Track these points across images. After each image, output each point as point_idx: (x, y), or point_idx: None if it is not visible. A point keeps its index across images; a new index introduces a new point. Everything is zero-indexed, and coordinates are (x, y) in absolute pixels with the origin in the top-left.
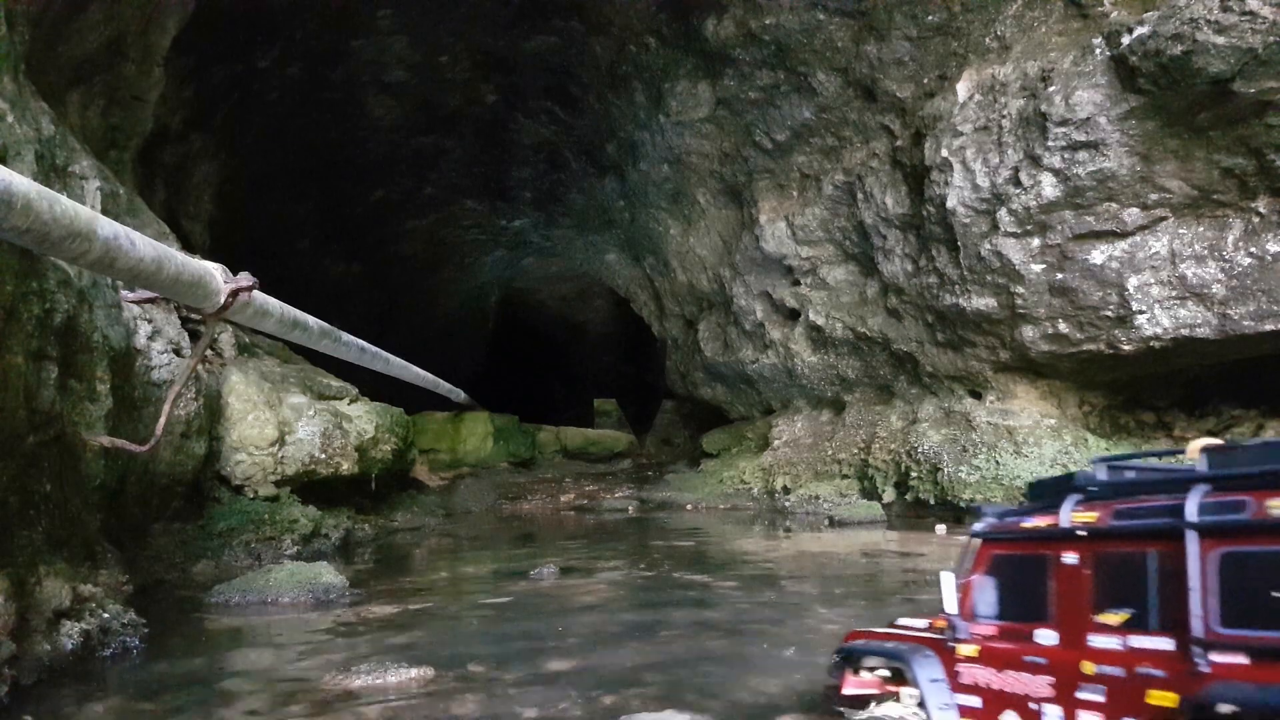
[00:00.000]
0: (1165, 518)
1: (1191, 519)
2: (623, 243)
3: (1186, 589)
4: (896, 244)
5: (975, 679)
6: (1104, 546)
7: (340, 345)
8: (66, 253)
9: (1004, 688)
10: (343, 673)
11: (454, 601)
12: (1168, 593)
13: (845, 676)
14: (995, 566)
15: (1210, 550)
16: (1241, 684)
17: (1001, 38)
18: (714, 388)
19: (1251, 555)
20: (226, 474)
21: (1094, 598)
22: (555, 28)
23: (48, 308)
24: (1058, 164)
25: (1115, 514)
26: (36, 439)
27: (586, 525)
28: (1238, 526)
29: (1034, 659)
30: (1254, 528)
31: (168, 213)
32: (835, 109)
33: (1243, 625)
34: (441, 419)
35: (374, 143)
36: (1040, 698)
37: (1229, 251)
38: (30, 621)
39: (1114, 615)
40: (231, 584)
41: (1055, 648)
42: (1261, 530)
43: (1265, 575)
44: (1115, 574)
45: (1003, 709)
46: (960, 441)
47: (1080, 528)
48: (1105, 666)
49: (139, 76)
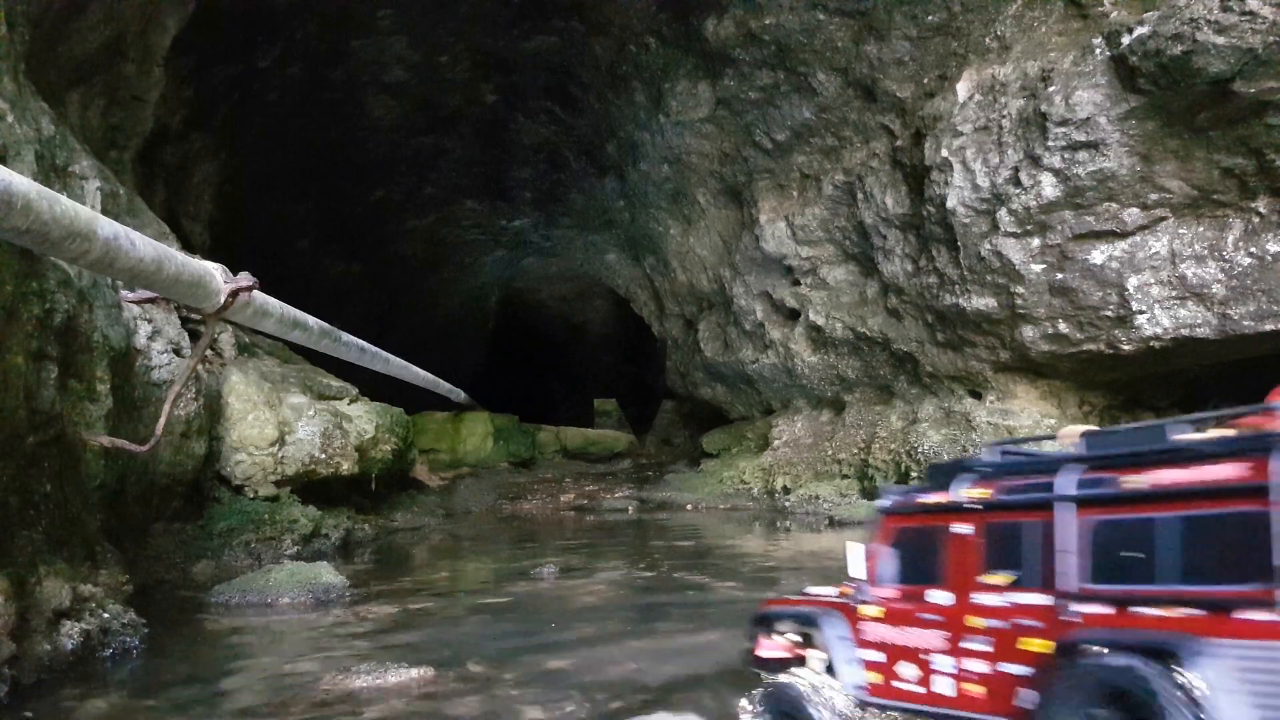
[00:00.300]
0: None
1: (1066, 492)
2: (623, 243)
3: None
4: (896, 244)
5: (878, 636)
6: (991, 518)
7: (340, 345)
8: (66, 253)
9: (903, 642)
10: (343, 673)
11: (454, 601)
12: (1044, 556)
13: (760, 640)
14: (897, 538)
15: (1081, 518)
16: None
17: (1001, 38)
18: (714, 388)
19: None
20: (226, 474)
21: (982, 562)
22: (555, 28)
23: (48, 308)
24: (1058, 164)
25: (1002, 490)
26: (36, 439)
27: (586, 525)
28: (1103, 498)
29: (929, 616)
30: (1116, 499)
31: (168, 213)
32: (835, 109)
33: (1105, 581)
34: (441, 419)
35: (374, 143)
36: (934, 649)
37: (1229, 251)
38: (30, 621)
39: (999, 576)
40: (231, 584)
41: (948, 606)
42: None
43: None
44: (1000, 541)
45: (901, 660)
46: (960, 441)
47: (972, 502)
48: (991, 620)
49: (139, 76)
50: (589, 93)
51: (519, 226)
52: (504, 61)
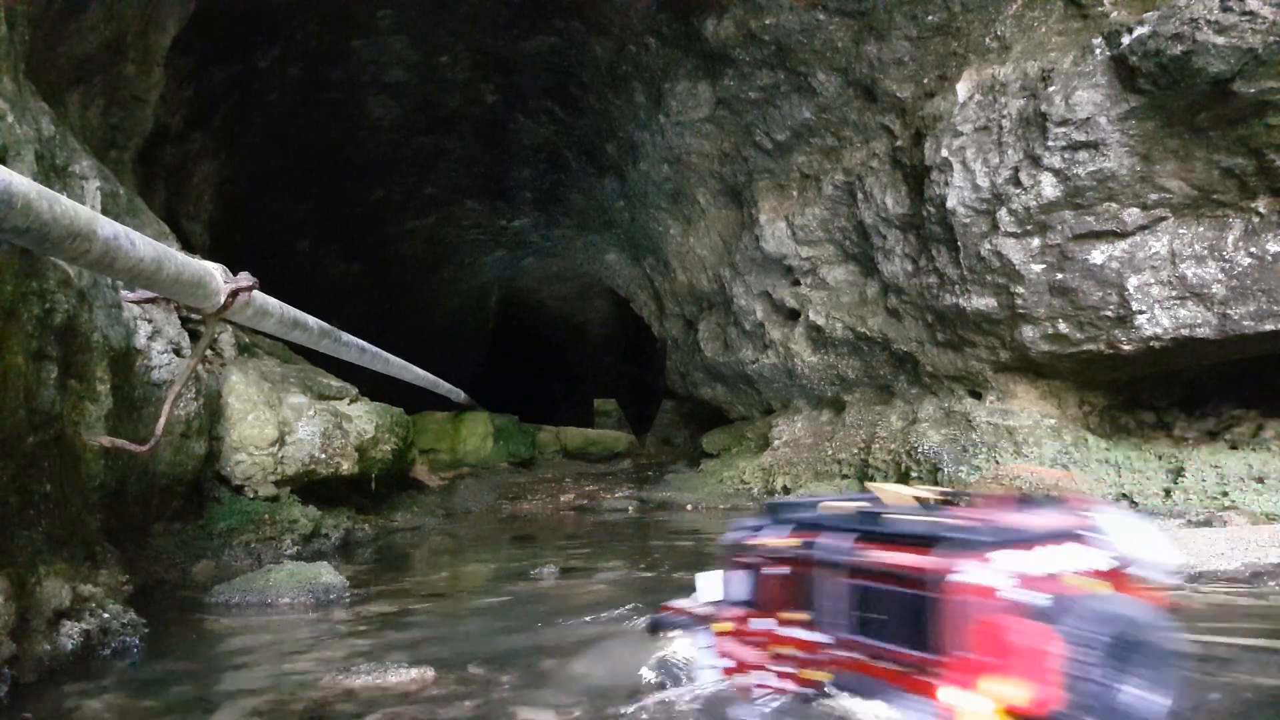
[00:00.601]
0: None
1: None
2: (623, 243)
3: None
4: (896, 244)
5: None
6: (792, 565)
7: (340, 345)
8: (66, 253)
9: (741, 656)
10: (343, 672)
11: (454, 601)
12: (824, 604)
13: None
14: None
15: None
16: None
17: (1001, 38)
18: (714, 388)
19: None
20: (226, 474)
21: (786, 600)
22: (555, 28)
23: (48, 308)
24: (1058, 164)
25: (802, 544)
26: (36, 439)
27: (586, 525)
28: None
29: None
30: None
31: (168, 213)
32: (835, 109)
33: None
34: (441, 419)
35: (374, 143)
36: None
37: (1229, 251)
38: (30, 621)
39: (796, 614)
40: (231, 584)
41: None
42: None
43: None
44: (798, 585)
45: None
46: (960, 441)
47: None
48: (791, 649)
49: (139, 76)
50: (589, 93)
51: (519, 226)
52: (504, 61)
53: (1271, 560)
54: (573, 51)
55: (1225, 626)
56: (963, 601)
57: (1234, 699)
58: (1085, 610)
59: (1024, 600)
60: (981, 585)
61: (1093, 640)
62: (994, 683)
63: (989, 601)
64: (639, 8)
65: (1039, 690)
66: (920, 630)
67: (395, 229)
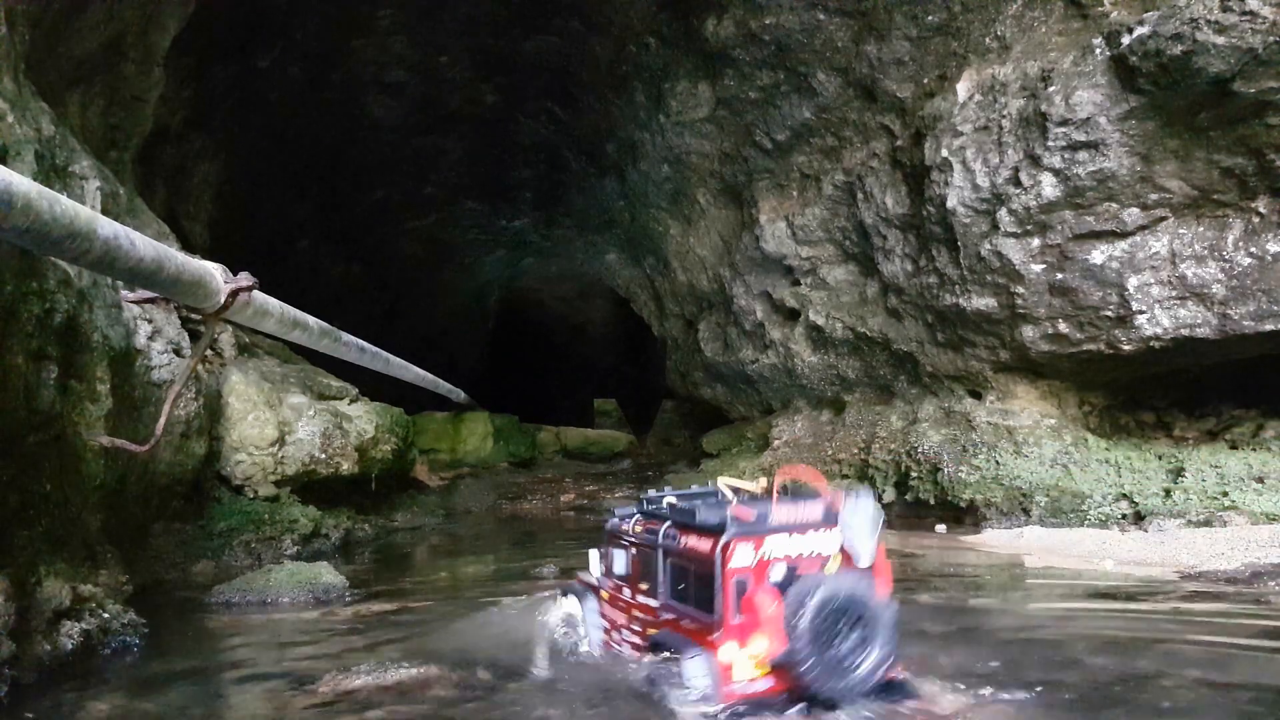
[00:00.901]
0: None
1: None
2: (623, 243)
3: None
4: (896, 244)
5: (605, 612)
6: (639, 548)
7: (340, 345)
8: (66, 253)
9: (614, 618)
10: (343, 672)
11: (455, 601)
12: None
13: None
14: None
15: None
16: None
17: (1001, 38)
18: (714, 388)
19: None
20: (227, 474)
21: (638, 574)
22: (555, 28)
23: (48, 308)
24: (1058, 164)
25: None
26: (36, 439)
27: (587, 525)
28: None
29: (622, 602)
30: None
31: (168, 213)
32: (835, 109)
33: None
34: (441, 419)
35: (374, 143)
36: (625, 625)
37: (1229, 251)
38: (30, 621)
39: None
40: (231, 584)
41: (627, 599)
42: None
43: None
44: (644, 563)
45: (614, 628)
46: (960, 441)
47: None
48: (641, 613)
49: (139, 76)
50: (589, 93)
51: (519, 226)
52: (504, 61)
53: (1271, 560)
54: (573, 51)
55: (1225, 626)
56: (731, 578)
57: (1235, 699)
58: (815, 584)
59: (775, 575)
60: (744, 566)
61: (819, 608)
62: (753, 640)
63: (748, 577)
64: (639, 7)
65: (780, 645)
66: (708, 598)
67: (395, 229)
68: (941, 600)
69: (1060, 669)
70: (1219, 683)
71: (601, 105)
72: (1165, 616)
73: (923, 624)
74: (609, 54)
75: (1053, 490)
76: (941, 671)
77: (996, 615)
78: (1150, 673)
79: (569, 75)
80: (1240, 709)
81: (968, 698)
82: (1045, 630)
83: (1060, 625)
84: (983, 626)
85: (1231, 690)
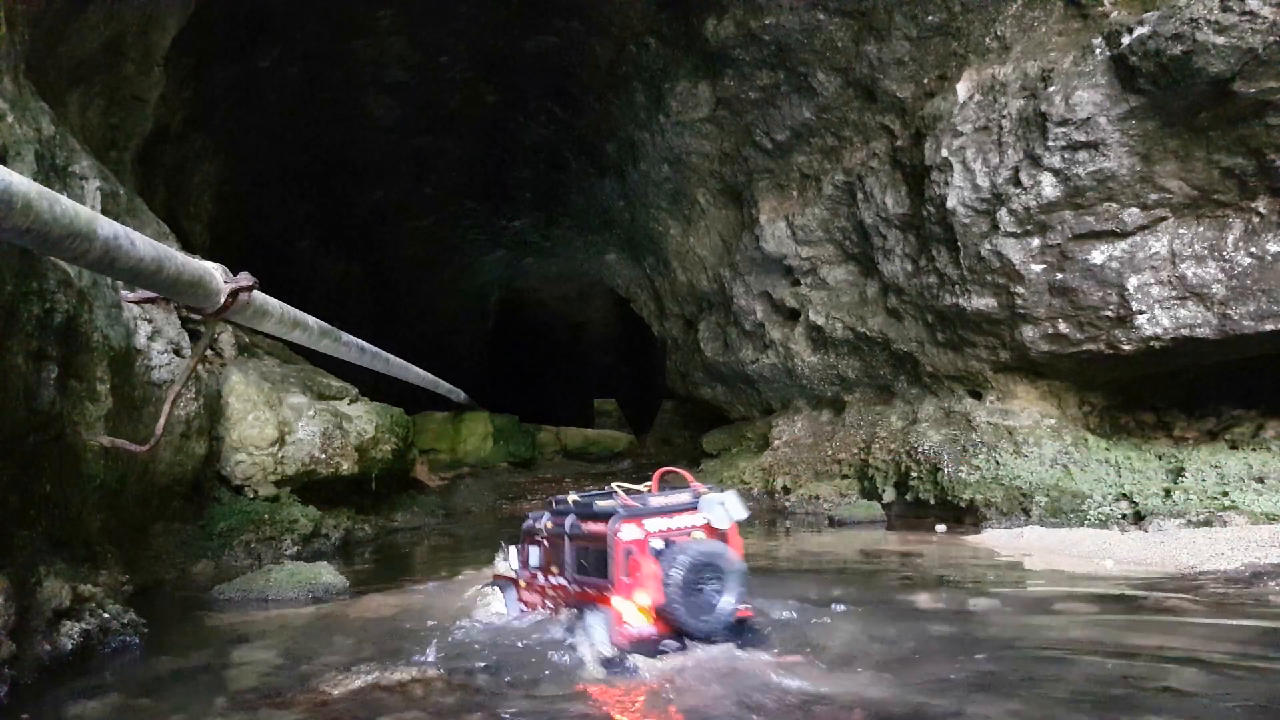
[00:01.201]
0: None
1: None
2: (623, 243)
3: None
4: (896, 244)
5: (523, 596)
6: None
7: (340, 345)
8: (66, 253)
9: (530, 600)
10: (343, 672)
11: (455, 601)
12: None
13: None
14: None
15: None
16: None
17: (1001, 38)
18: (714, 388)
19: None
20: (227, 474)
21: (550, 561)
22: (555, 28)
23: (48, 308)
24: (1058, 164)
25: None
26: (36, 439)
27: None
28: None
29: (538, 587)
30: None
31: (168, 213)
32: (835, 109)
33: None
34: (441, 419)
35: (374, 143)
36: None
37: (1229, 251)
38: (30, 621)
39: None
40: (231, 584)
41: (543, 583)
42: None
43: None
44: (555, 550)
45: (530, 608)
46: (960, 441)
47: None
48: (554, 592)
49: (139, 76)
50: (589, 93)
51: (519, 227)
52: (504, 61)
53: (1271, 560)
54: (573, 52)
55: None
56: (620, 548)
57: (1234, 699)
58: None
59: (652, 545)
60: (630, 539)
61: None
62: (637, 594)
63: (633, 547)
64: (639, 7)
65: (657, 596)
66: (603, 568)
67: (395, 229)
68: (942, 601)
69: (1060, 669)
70: (1219, 683)
71: (601, 105)
72: (1165, 616)
73: (923, 624)
74: (609, 54)
75: (1053, 490)
76: (942, 671)
77: (996, 615)
78: (1150, 673)
79: (569, 75)
80: (1240, 709)
81: (968, 698)
82: (1046, 630)
83: (1060, 625)
84: (983, 626)
85: (1231, 690)
